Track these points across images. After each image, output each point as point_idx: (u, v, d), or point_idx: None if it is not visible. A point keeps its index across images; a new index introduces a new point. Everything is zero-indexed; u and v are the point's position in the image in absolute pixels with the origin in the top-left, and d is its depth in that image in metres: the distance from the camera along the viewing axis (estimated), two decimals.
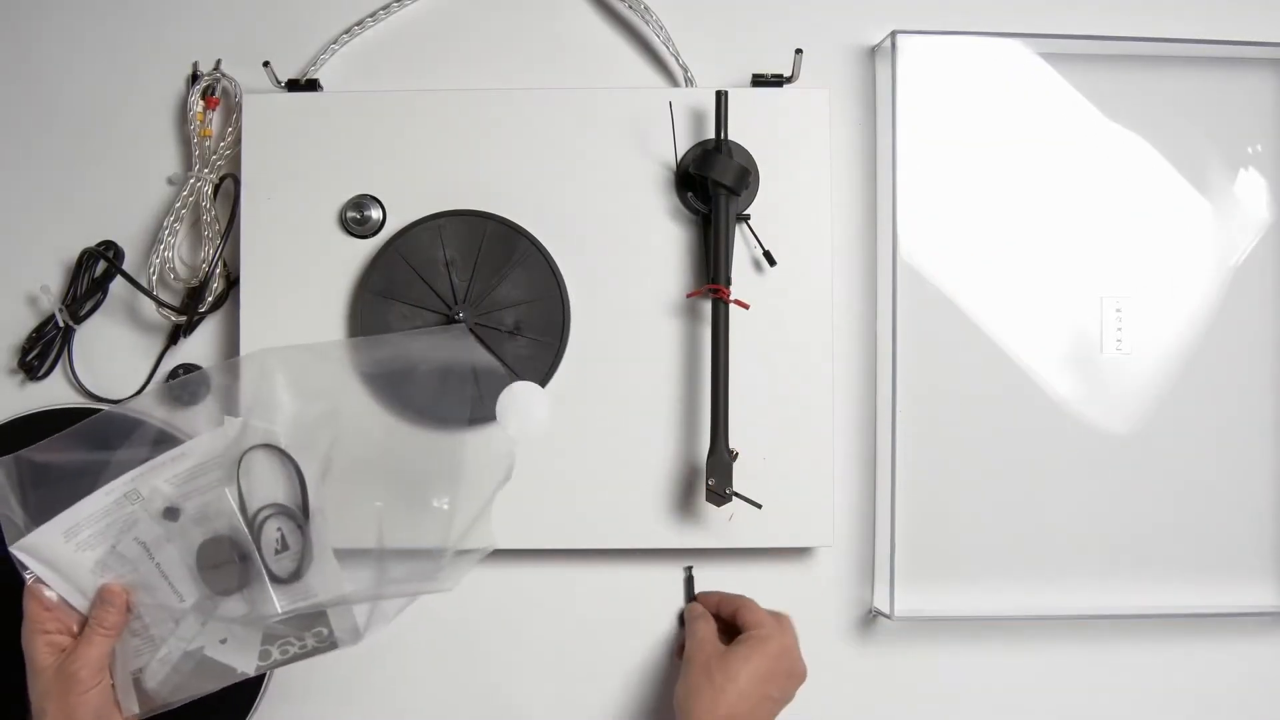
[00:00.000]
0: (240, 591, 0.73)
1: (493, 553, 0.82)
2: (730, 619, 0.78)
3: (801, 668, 0.76)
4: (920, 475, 0.83)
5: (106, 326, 0.84)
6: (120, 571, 0.71)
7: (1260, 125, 0.85)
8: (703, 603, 0.81)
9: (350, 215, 0.81)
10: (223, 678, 0.73)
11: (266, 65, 0.82)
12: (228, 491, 0.73)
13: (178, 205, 0.83)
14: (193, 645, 0.72)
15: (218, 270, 0.82)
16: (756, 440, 0.80)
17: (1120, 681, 0.85)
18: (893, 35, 0.82)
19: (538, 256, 0.81)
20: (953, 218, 0.84)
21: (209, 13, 0.86)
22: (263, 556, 0.73)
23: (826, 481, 0.81)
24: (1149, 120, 0.85)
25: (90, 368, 0.84)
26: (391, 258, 0.80)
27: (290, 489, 0.74)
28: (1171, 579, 0.84)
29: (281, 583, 0.73)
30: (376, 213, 0.81)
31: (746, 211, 0.81)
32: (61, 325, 0.82)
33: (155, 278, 0.83)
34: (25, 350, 0.83)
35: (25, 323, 0.84)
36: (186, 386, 0.76)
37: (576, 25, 0.86)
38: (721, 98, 0.78)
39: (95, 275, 0.83)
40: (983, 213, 0.84)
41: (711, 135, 0.79)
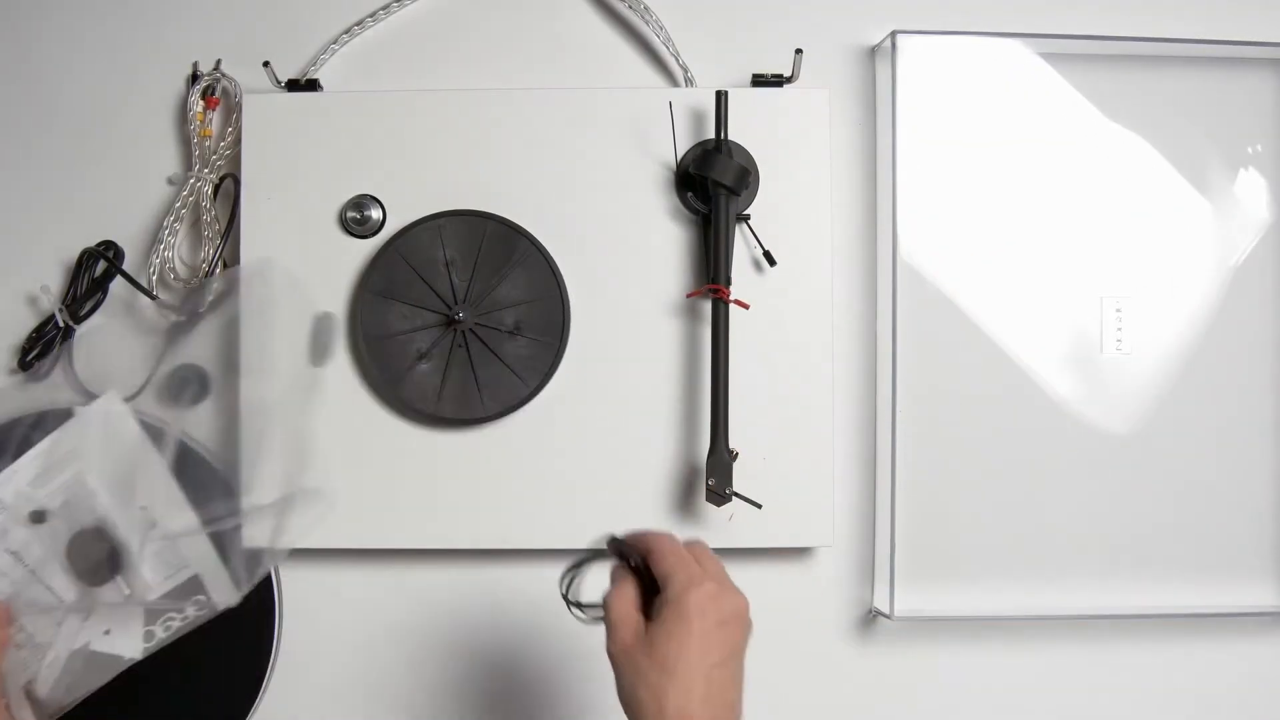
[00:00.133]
0: (115, 578, 0.72)
1: (493, 553, 0.83)
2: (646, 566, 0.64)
3: (734, 603, 0.61)
4: (920, 475, 0.83)
5: (107, 327, 0.84)
6: None
7: (1260, 125, 0.85)
8: (616, 551, 0.65)
9: (350, 215, 0.81)
10: (112, 668, 0.73)
11: (266, 65, 0.82)
12: (90, 481, 0.72)
13: (178, 205, 0.83)
14: (78, 643, 0.72)
15: (218, 270, 0.82)
16: (756, 440, 0.80)
17: (1120, 681, 0.85)
18: (893, 35, 0.82)
19: (538, 256, 0.81)
20: (953, 218, 0.84)
21: (209, 13, 0.86)
22: (128, 540, 0.72)
23: (826, 481, 0.81)
24: (1149, 120, 0.85)
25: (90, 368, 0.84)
26: (391, 258, 0.80)
27: (149, 467, 0.73)
28: (1171, 579, 0.84)
29: (154, 560, 0.73)
30: (376, 213, 0.81)
31: (746, 211, 0.81)
32: (61, 325, 0.82)
33: (155, 278, 0.83)
34: (25, 350, 0.83)
35: (25, 323, 0.84)
36: (183, 383, 0.76)
37: (576, 25, 0.86)
38: (721, 98, 0.78)
39: (95, 275, 0.83)
40: (983, 213, 0.84)
41: (711, 135, 0.79)
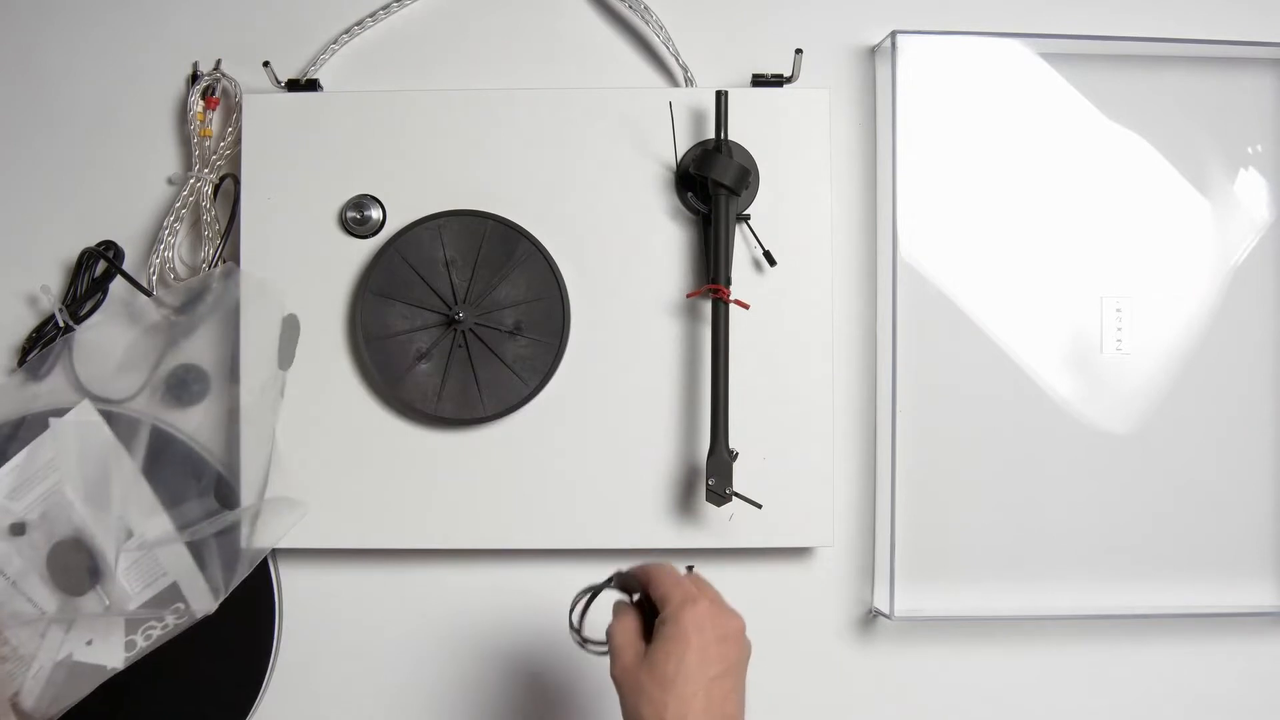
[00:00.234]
0: (95, 589, 0.72)
1: (494, 553, 0.83)
2: (646, 595, 0.68)
3: (731, 621, 0.65)
4: (920, 475, 0.83)
5: (106, 326, 0.84)
6: None
7: (1260, 125, 0.85)
8: (622, 584, 0.70)
9: (350, 215, 0.81)
10: (96, 678, 0.73)
11: (266, 65, 0.82)
12: (67, 492, 0.73)
13: (178, 205, 0.83)
14: (62, 654, 0.73)
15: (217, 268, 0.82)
16: (756, 440, 0.80)
17: (1120, 681, 0.85)
18: (893, 35, 0.82)
19: (538, 256, 0.81)
20: (953, 218, 0.84)
21: (209, 13, 0.86)
22: (105, 550, 0.72)
23: (826, 481, 0.81)
24: (1149, 120, 0.85)
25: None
26: (391, 258, 0.80)
27: (124, 477, 0.74)
28: (1171, 579, 0.84)
29: (132, 569, 0.73)
30: (376, 213, 0.81)
31: (746, 211, 0.81)
32: (61, 325, 0.82)
33: (155, 278, 0.83)
34: (25, 350, 0.83)
35: (25, 323, 0.84)
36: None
37: (576, 25, 0.86)
38: (721, 98, 0.78)
39: (95, 275, 0.83)
40: (983, 213, 0.84)
41: (711, 135, 0.79)
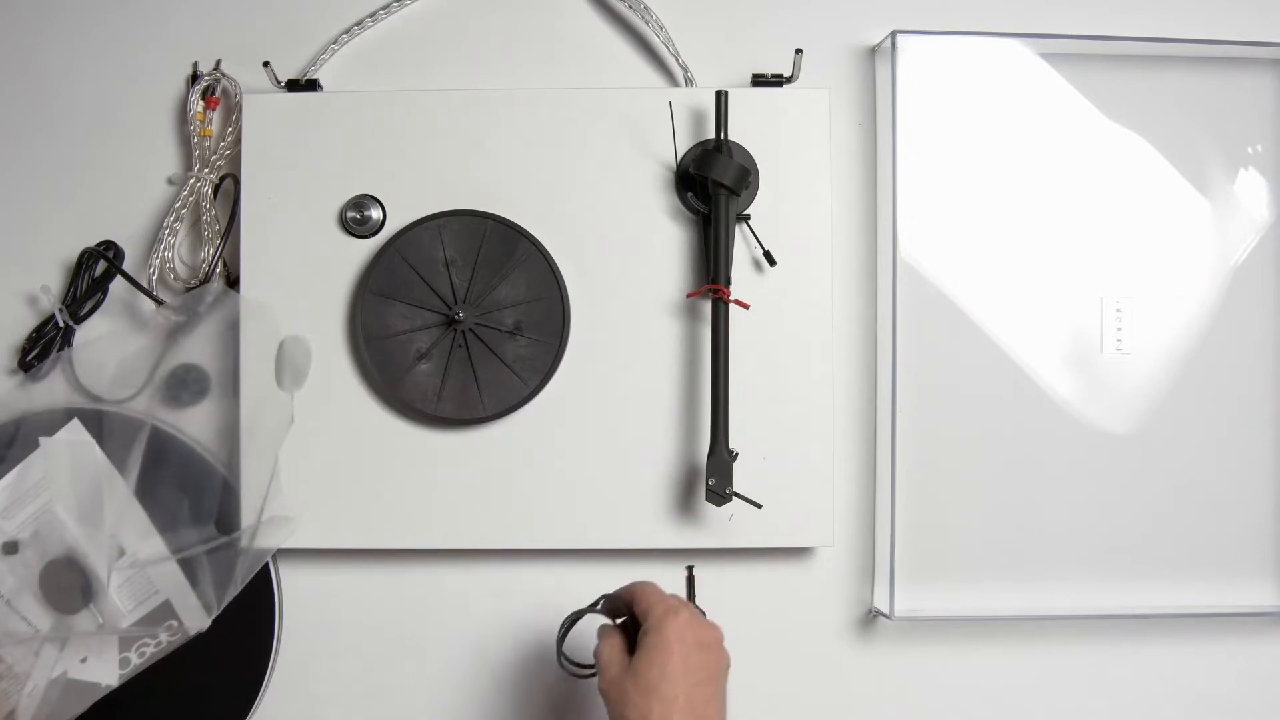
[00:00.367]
0: (88, 607, 0.73)
1: (494, 553, 0.83)
2: (632, 614, 0.71)
3: (711, 632, 0.69)
4: (920, 475, 0.83)
5: (106, 326, 0.84)
6: None
7: (1260, 125, 0.85)
8: (609, 607, 0.73)
9: (350, 215, 0.81)
10: (90, 696, 0.74)
11: (266, 65, 0.82)
12: (58, 510, 0.73)
13: (178, 205, 0.83)
14: (56, 672, 0.73)
15: (218, 270, 0.82)
16: (756, 440, 0.80)
17: (1120, 681, 0.85)
18: (893, 35, 0.82)
19: (538, 256, 0.81)
20: (953, 218, 0.84)
21: (209, 13, 0.86)
22: (98, 568, 0.73)
23: (826, 481, 0.81)
24: (1149, 120, 0.85)
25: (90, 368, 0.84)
26: (391, 258, 0.80)
27: (115, 495, 0.74)
28: (1171, 579, 0.84)
29: (125, 587, 0.74)
30: (376, 213, 0.81)
31: (746, 211, 0.81)
32: (61, 325, 0.82)
33: (155, 278, 0.83)
34: (25, 350, 0.83)
35: (25, 323, 0.84)
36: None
37: (576, 25, 0.86)
38: (721, 98, 0.78)
39: (95, 275, 0.83)
40: (983, 213, 0.84)
41: (711, 135, 0.79)
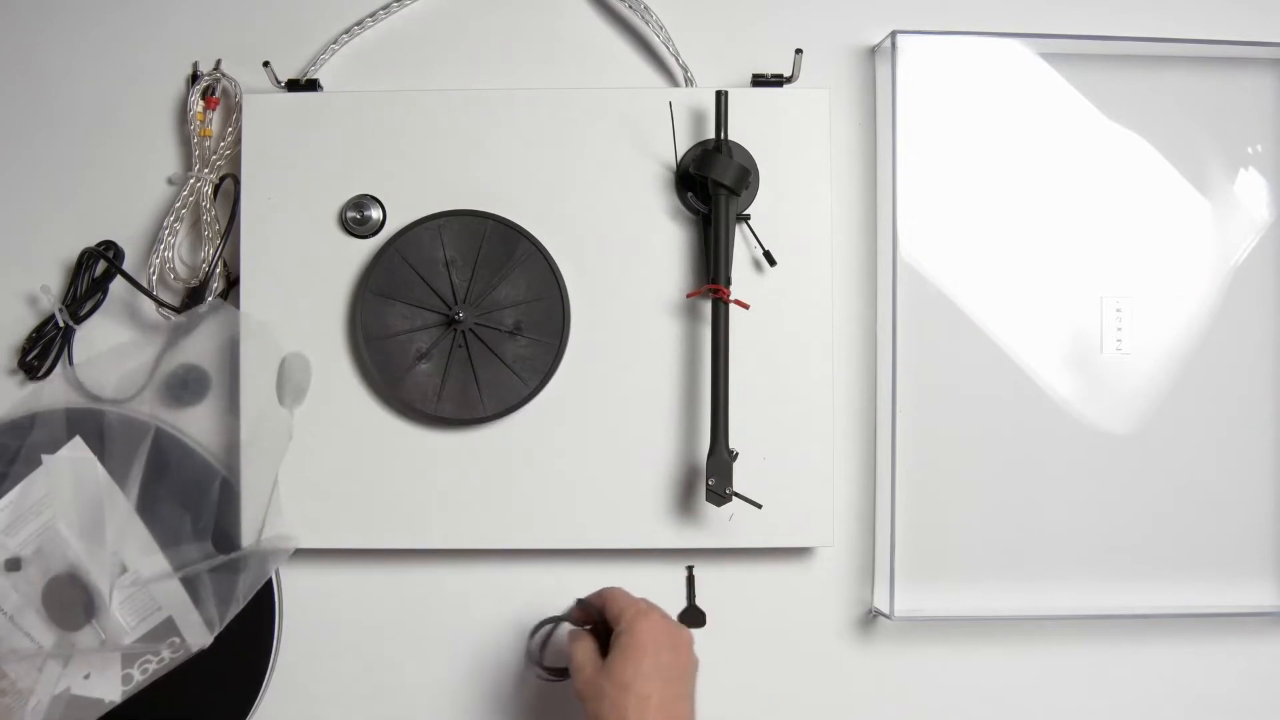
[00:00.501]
0: (90, 623, 0.73)
1: (494, 553, 0.83)
2: (602, 619, 0.74)
3: (681, 636, 0.72)
4: (920, 475, 0.83)
5: (106, 326, 0.84)
6: None
7: (1260, 125, 0.85)
8: (582, 614, 0.75)
9: (350, 215, 0.81)
10: (93, 711, 0.74)
11: (266, 65, 0.82)
12: (61, 528, 0.73)
13: (178, 205, 0.83)
14: (59, 688, 0.73)
15: (218, 270, 0.82)
16: (756, 440, 0.80)
17: (1120, 681, 0.85)
18: (893, 35, 0.82)
19: (538, 256, 0.81)
20: (953, 218, 0.84)
21: (209, 13, 0.86)
22: (100, 585, 0.73)
23: (826, 481, 0.81)
24: (1149, 120, 0.85)
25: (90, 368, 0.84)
26: (391, 258, 0.80)
27: (117, 512, 0.74)
28: (1171, 579, 0.84)
29: (127, 604, 0.74)
30: (376, 213, 0.81)
31: (746, 211, 0.81)
32: (61, 325, 0.82)
33: (155, 278, 0.83)
34: (25, 350, 0.83)
35: (25, 323, 0.84)
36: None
37: (576, 25, 0.86)
38: (721, 98, 0.78)
39: (95, 275, 0.83)
40: (983, 213, 0.84)
41: (711, 135, 0.79)
